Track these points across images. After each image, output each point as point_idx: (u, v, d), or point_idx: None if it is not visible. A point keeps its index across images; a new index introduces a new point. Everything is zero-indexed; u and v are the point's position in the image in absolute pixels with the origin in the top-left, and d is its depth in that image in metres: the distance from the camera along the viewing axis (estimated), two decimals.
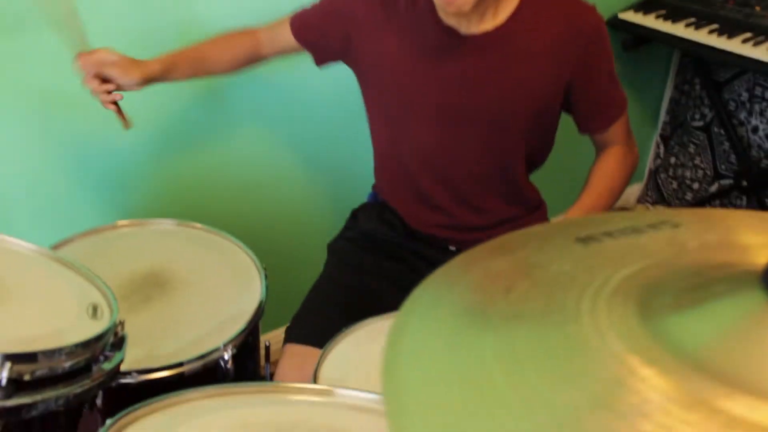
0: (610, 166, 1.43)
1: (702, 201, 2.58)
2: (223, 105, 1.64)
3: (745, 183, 2.30)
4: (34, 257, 1.01)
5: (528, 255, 0.58)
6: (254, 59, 1.44)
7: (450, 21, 1.26)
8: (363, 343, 1.16)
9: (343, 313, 1.30)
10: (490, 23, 1.26)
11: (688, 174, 2.62)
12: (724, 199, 2.51)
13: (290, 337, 1.32)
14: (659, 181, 2.75)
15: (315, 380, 1.08)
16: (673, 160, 2.67)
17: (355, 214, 1.55)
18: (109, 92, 1.24)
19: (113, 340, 0.90)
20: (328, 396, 0.90)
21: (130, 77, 1.25)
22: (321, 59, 1.43)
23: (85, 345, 0.82)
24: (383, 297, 1.36)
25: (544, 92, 1.31)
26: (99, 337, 0.83)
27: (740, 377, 0.40)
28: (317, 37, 1.40)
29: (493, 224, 1.43)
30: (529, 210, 1.48)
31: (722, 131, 2.44)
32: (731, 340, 0.44)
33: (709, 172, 2.55)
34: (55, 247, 1.34)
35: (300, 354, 1.27)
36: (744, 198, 2.47)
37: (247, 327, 1.18)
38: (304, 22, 1.40)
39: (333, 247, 1.52)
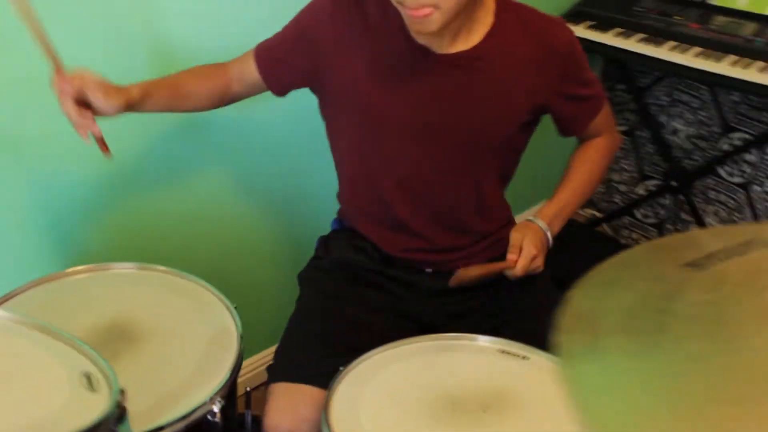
0: (589, 157, 1.45)
1: (631, 203, 2.67)
2: (179, 140, 1.53)
3: (674, 183, 2.39)
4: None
5: (649, 287, 0.55)
6: (226, 97, 1.35)
7: (422, 41, 1.23)
8: (366, 381, 1.11)
9: (326, 345, 1.26)
10: (463, 44, 1.24)
11: (615, 177, 2.70)
12: (651, 199, 2.60)
13: (276, 377, 1.24)
14: None
15: (328, 424, 1.02)
16: None
17: (324, 243, 1.48)
18: (89, 119, 1.09)
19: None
20: None
21: (111, 102, 1.10)
22: (283, 91, 1.36)
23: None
24: (363, 325, 1.31)
25: (518, 112, 1.31)
26: (105, 420, 0.73)
27: None
28: (284, 70, 1.32)
29: (468, 244, 1.41)
30: (502, 226, 1.46)
31: (645, 134, 2.54)
32: None
33: (635, 174, 2.64)
34: (2, 300, 1.21)
35: (289, 393, 1.21)
36: (668, 197, 2.58)
37: (231, 374, 1.10)
38: (268, 52, 1.32)
39: (305, 278, 1.45)
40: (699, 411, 0.40)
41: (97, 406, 0.76)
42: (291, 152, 1.74)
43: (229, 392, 1.11)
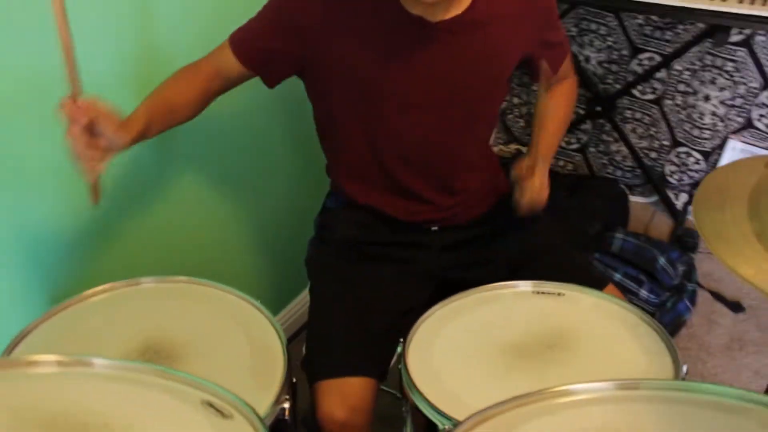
0: (558, 101, 1.50)
1: None
2: (153, 153, 1.46)
3: (598, 108, 2.53)
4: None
5: None
6: (210, 97, 1.30)
7: (416, 11, 1.23)
8: (430, 343, 1.14)
9: (358, 334, 1.27)
10: (455, 9, 1.26)
11: (533, 110, 2.81)
12: (573, 127, 2.74)
13: (319, 374, 1.23)
14: (507, 122, 2.93)
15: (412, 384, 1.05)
16: (516, 100, 2.86)
17: (325, 223, 1.48)
18: (98, 153, 1.02)
19: None
20: None
21: (120, 135, 1.04)
22: (274, 81, 1.33)
23: None
24: (387, 302, 1.34)
25: (510, 64, 1.37)
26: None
27: None
28: (267, 59, 1.29)
29: (468, 198, 1.45)
30: (496, 171, 1.52)
31: None
32: None
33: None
34: (22, 335, 1.14)
35: (337, 388, 1.21)
36: (588, 122, 2.73)
37: (287, 371, 1.09)
38: (250, 45, 1.28)
39: (315, 264, 1.45)
40: None
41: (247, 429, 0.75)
42: (264, 144, 1.71)
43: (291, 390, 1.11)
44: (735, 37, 2.30)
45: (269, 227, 1.87)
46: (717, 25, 2.08)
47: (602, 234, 2.30)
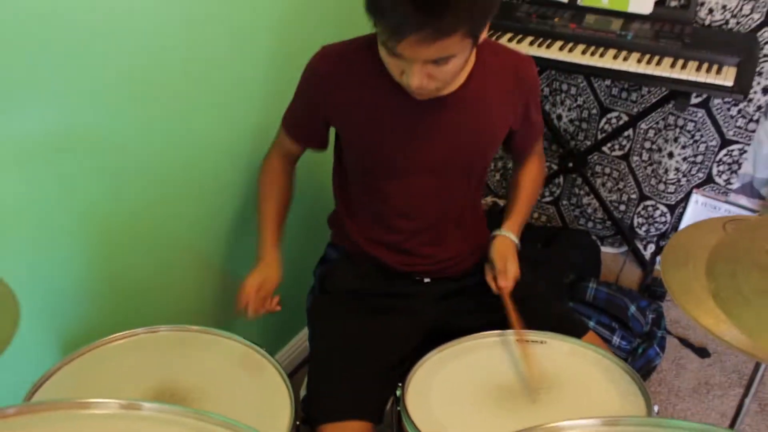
0: (532, 176, 1.66)
1: None
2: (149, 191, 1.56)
3: (570, 164, 2.68)
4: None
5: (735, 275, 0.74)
6: (293, 175, 1.62)
7: None
8: (428, 386, 1.25)
9: (356, 379, 1.37)
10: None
11: (509, 164, 2.97)
12: (547, 181, 2.89)
13: (321, 419, 1.31)
14: None
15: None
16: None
17: (327, 274, 1.59)
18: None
19: None
20: None
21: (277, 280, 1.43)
22: (325, 145, 1.55)
23: None
24: (386, 348, 1.44)
25: (500, 136, 1.51)
26: None
27: None
28: (314, 132, 1.51)
29: (460, 252, 1.58)
30: (482, 227, 1.65)
31: None
32: None
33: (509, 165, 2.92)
34: (39, 382, 1.22)
35: (339, 431, 1.30)
36: (560, 177, 2.89)
37: (294, 413, 1.19)
38: (298, 126, 1.52)
39: (316, 313, 1.55)
40: None
41: None
42: None
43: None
44: (694, 100, 2.48)
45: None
46: (678, 91, 2.25)
47: (576, 283, 2.43)
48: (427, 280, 1.57)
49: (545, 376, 1.27)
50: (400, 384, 1.26)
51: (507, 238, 1.53)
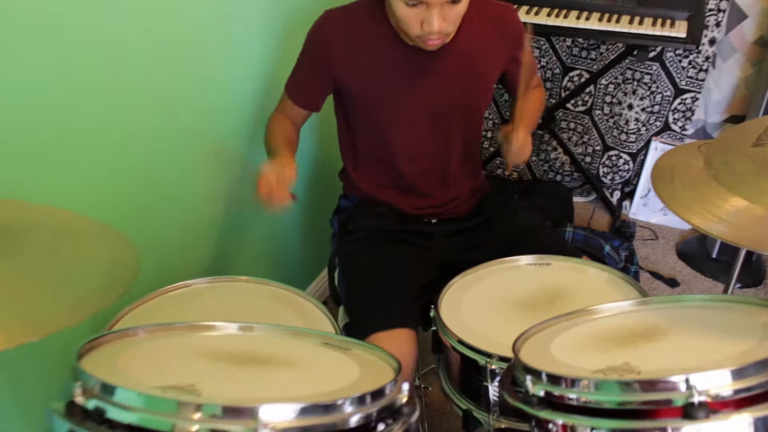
0: (531, 99, 1.80)
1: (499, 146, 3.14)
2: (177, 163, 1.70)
3: (539, 121, 2.88)
4: None
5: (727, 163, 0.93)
6: (299, 129, 1.73)
7: (412, 42, 1.54)
8: (458, 301, 1.43)
9: (394, 296, 1.53)
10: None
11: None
12: None
13: (371, 330, 1.44)
14: None
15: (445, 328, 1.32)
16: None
17: (346, 219, 1.75)
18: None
19: None
20: None
21: (294, 175, 1.47)
22: (320, 107, 1.69)
23: None
24: (409, 273, 1.60)
25: (491, 81, 1.70)
26: None
27: None
28: (317, 97, 1.66)
29: (461, 193, 1.76)
30: (480, 174, 1.84)
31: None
32: None
33: (497, 121, 3.12)
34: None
35: (390, 338, 1.43)
36: None
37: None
38: (302, 92, 1.65)
39: (346, 250, 1.70)
40: None
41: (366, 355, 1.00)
42: None
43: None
44: (650, 54, 2.71)
45: (289, 223, 2.16)
46: (635, 45, 2.47)
47: (555, 228, 2.64)
48: (434, 221, 1.75)
49: (557, 288, 1.46)
50: (432, 305, 1.43)
51: (516, 126, 1.62)
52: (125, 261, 0.88)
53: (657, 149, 2.88)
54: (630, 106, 2.86)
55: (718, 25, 2.59)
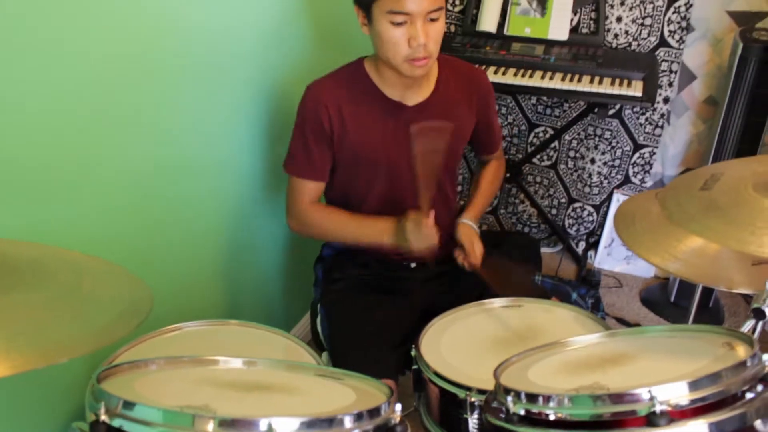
0: (490, 176, 1.98)
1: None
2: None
3: (508, 175, 3.03)
4: None
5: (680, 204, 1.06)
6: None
7: (395, 97, 1.67)
8: (437, 338, 1.51)
9: (376, 345, 1.63)
10: (422, 95, 1.73)
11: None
12: None
13: None
14: None
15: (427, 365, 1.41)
16: None
17: (330, 268, 1.84)
18: None
19: None
20: None
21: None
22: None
23: None
24: (391, 322, 1.70)
25: (466, 135, 1.83)
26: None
27: None
28: (329, 162, 1.75)
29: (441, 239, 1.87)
30: (454, 218, 1.95)
31: None
32: None
33: (467, 175, 3.26)
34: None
35: None
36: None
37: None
38: (315, 167, 1.74)
39: (330, 298, 1.79)
40: None
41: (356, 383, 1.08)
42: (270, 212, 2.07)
43: None
44: (610, 111, 2.88)
45: (273, 270, 2.24)
46: (596, 103, 2.64)
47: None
48: (413, 265, 1.85)
49: (528, 327, 1.56)
50: (413, 345, 1.52)
51: (468, 225, 1.82)
52: (139, 298, 0.96)
53: (619, 201, 3.03)
54: (592, 161, 3.02)
55: (670, 85, 2.78)
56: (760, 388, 0.91)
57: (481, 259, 1.76)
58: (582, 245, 3.19)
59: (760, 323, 1.12)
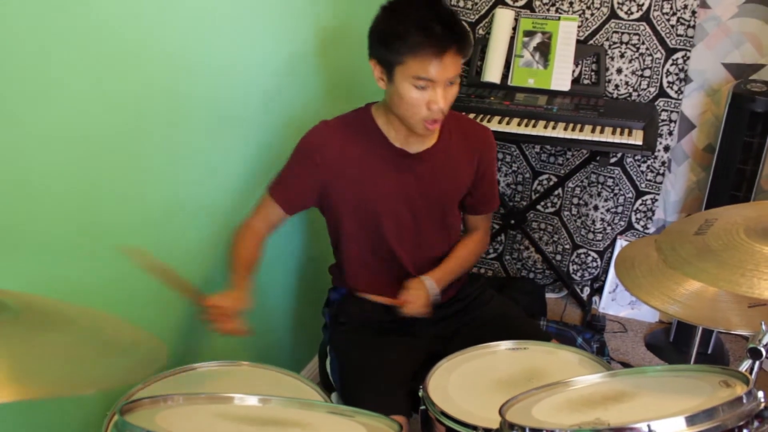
0: (474, 243, 2.00)
1: None
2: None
3: (513, 221, 3.09)
4: None
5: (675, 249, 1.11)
6: (264, 243, 1.81)
7: (398, 144, 1.74)
8: (445, 380, 1.55)
9: (387, 385, 1.66)
10: (426, 145, 1.79)
11: None
12: (491, 239, 3.28)
13: None
14: None
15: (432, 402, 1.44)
16: None
17: (338, 312, 1.89)
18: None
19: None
20: None
21: (242, 304, 1.56)
22: (299, 210, 1.82)
23: None
24: (399, 363, 1.74)
25: (465, 183, 1.88)
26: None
27: None
28: (302, 200, 1.79)
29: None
30: None
31: None
32: None
33: None
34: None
35: None
36: (502, 234, 3.29)
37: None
38: (288, 193, 1.77)
39: (340, 341, 1.83)
40: None
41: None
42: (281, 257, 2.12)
43: None
44: (611, 159, 2.95)
45: (281, 314, 2.28)
46: (598, 151, 2.71)
47: None
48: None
49: (533, 369, 1.60)
50: (420, 386, 1.55)
51: (423, 281, 1.81)
52: (155, 348, 1.01)
53: (622, 246, 3.08)
54: (596, 207, 3.08)
55: (670, 133, 2.85)
56: (756, 424, 0.95)
57: (412, 313, 1.76)
58: (587, 291, 3.23)
59: (757, 362, 1.16)
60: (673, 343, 2.89)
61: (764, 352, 1.14)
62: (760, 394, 0.98)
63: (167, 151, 1.63)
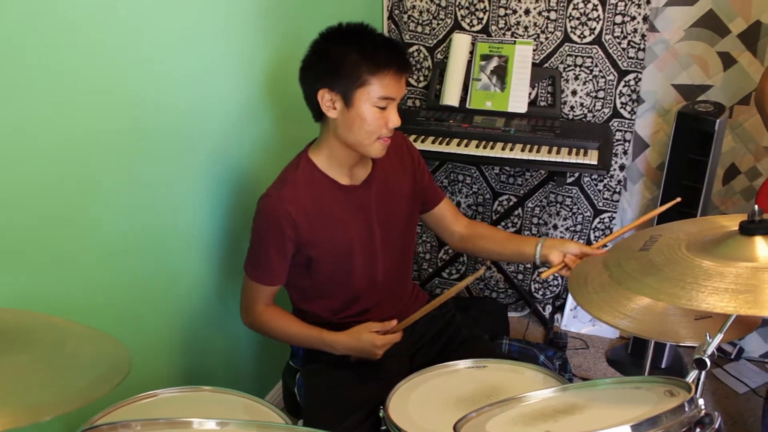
0: (482, 227, 2.08)
1: (437, 267, 3.36)
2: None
3: None
4: None
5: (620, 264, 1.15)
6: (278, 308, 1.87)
7: (343, 182, 1.80)
8: (405, 400, 1.57)
9: (350, 413, 1.69)
10: (366, 170, 1.84)
11: (420, 249, 3.39)
12: (452, 260, 3.32)
13: None
14: None
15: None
16: None
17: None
18: None
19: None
20: None
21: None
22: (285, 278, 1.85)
23: None
24: (365, 388, 1.77)
25: (412, 186, 1.93)
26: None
27: None
28: (285, 269, 1.80)
29: (405, 308, 1.94)
30: (413, 282, 2.03)
31: None
32: None
33: (435, 244, 3.36)
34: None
35: None
36: (464, 256, 3.32)
37: None
38: (271, 274, 1.79)
39: (309, 372, 1.84)
40: None
41: None
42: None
43: None
44: (569, 179, 3.02)
45: (245, 339, 2.29)
46: (555, 171, 2.77)
47: (492, 341, 2.82)
48: None
49: (492, 386, 1.62)
50: (381, 406, 1.57)
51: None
52: (118, 359, 1.02)
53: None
54: (555, 227, 3.14)
55: (625, 153, 2.93)
56: (698, 430, 0.99)
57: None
58: (549, 309, 3.27)
59: (703, 372, 1.20)
60: (632, 357, 2.95)
61: (709, 362, 1.18)
62: (701, 401, 1.02)
63: (129, 181, 1.65)
